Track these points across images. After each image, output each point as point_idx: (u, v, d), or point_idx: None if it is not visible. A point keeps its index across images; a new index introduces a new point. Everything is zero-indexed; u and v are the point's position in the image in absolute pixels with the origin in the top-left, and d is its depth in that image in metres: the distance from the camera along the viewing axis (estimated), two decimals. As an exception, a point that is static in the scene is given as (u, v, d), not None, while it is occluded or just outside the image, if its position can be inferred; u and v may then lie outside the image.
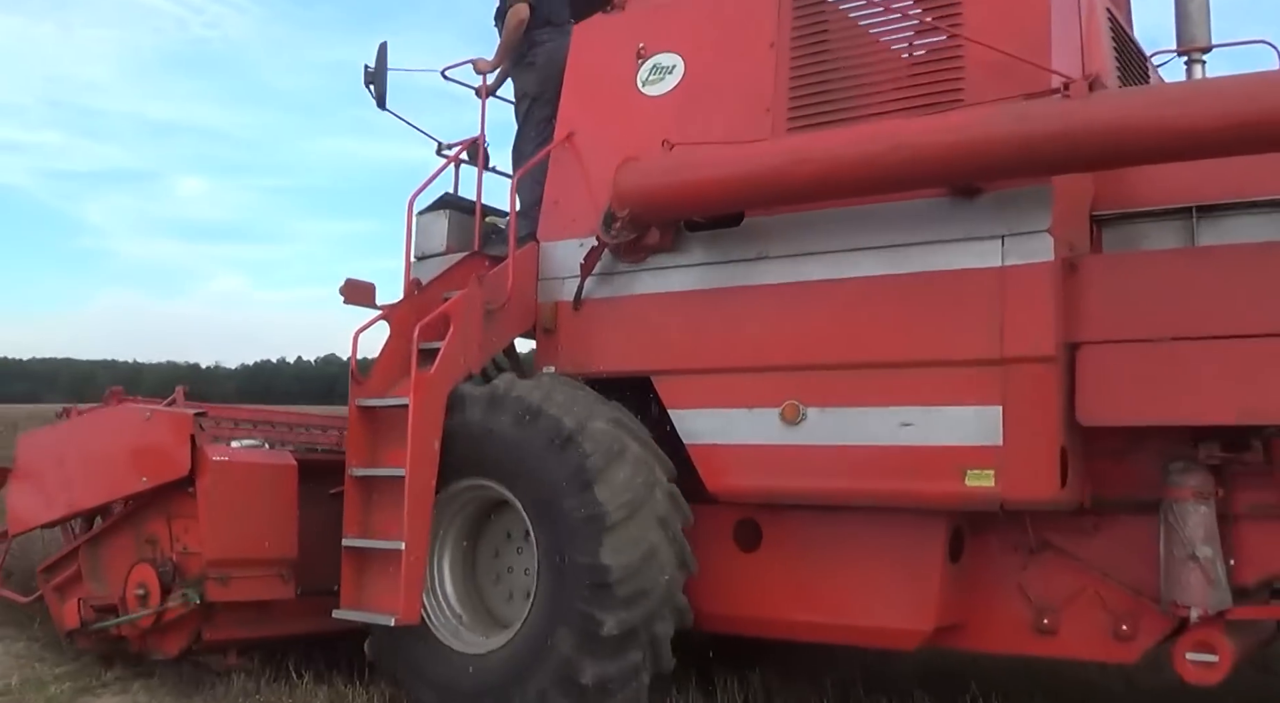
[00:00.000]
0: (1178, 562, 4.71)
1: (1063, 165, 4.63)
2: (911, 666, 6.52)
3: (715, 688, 5.64)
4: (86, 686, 6.00)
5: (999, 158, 4.62)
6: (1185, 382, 4.62)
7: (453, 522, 5.76)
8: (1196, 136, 4.29)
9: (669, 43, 5.90)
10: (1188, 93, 4.60)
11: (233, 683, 5.80)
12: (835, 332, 5.19)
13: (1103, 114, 4.41)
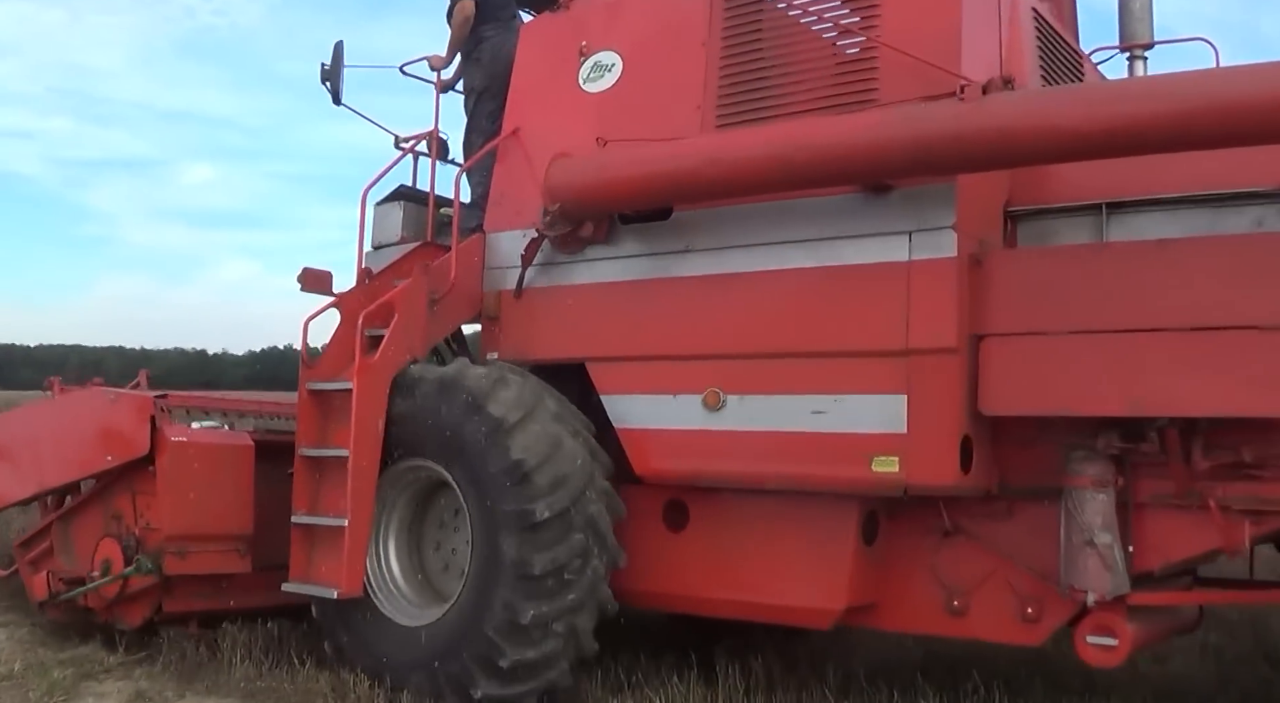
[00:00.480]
0: (1076, 548, 4.87)
1: (955, 166, 4.80)
2: (914, 654, 6.62)
3: (717, 676, 5.68)
4: (89, 672, 6.05)
5: (895, 159, 4.81)
6: (1080, 374, 4.79)
7: (398, 500, 6.02)
8: (1077, 139, 4.45)
9: (609, 41, 6.11)
10: (1071, 97, 4.76)
11: (235, 669, 5.89)
12: (754, 322, 5.39)
13: (990, 117, 4.58)
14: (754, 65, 5.58)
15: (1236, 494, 4.77)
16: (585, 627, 5.45)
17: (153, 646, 6.30)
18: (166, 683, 5.86)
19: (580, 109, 6.07)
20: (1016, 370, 4.92)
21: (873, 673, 5.89)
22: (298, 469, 5.90)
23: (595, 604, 5.48)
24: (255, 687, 5.69)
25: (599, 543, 5.48)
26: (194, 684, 5.81)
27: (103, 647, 6.41)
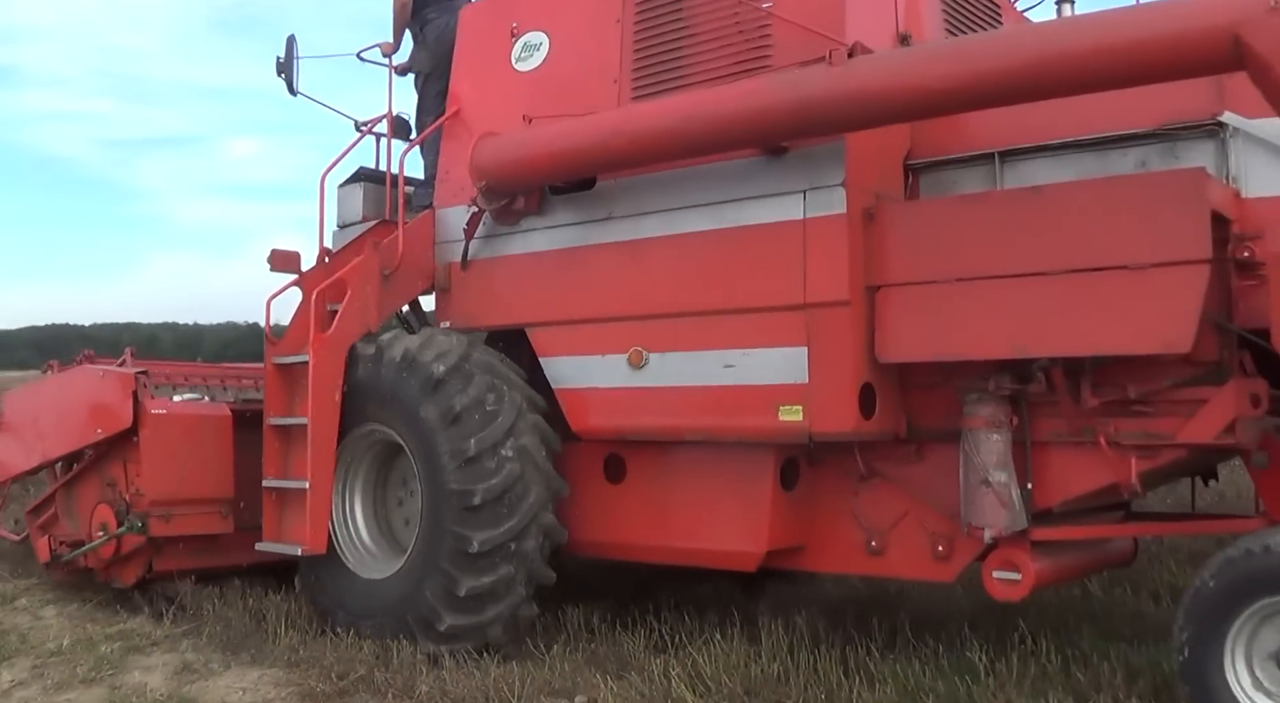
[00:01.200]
0: (973, 487, 5.08)
1: (826, 127, 5.01)
2: (961, 606, 6.63)
3: (760, 633, 5.67)
4: (136, 645, 6.17)
5: (772, 124, 5.05)
6: (967, 320, 5.00)
7: (360, 463, 6.46)
8: (928, 96, 4.65)
9: (537, 22, 6.40)
10: (923, 56, 4.90)
11: (279, 639, 6.03)
12: (669, 283, 5.68)
13: (852, 80, 4.78)
14: (662, 39, 5.83)
15: (1126, 430, 4.93)
16: (534, 552, 5.83)
17: (199, 618, 6.48)
18: (212, 654, 5.98)
19: (512, 88, 6.38)
20: (909, 319, 5.14)
21: (919, 626, 5.87)
22: (267, 437, 6.36)
23: (541, 530, 5.85)
24: (299, 657, 5.78)
25: (536, 472, 5.85)
26: (239, 655, 5.94)
27: (150, 620, 6.62)
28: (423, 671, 5.44)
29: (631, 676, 5.29)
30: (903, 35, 5.53)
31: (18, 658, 6.06)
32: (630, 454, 6.08)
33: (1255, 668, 4.31)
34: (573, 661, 5.58)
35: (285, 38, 6.79)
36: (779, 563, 5.82)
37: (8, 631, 6.57)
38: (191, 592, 6.68)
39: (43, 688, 5.61)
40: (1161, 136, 4.98)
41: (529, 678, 5.24)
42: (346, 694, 5.29)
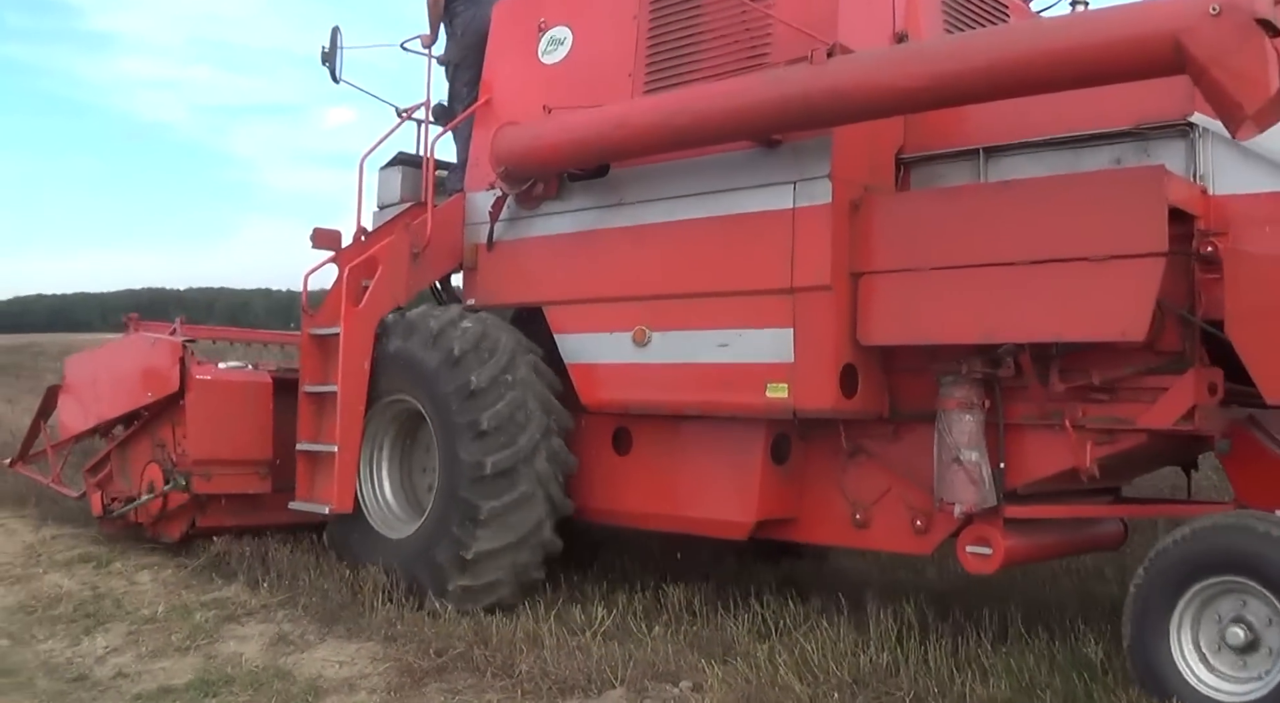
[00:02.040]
0: (946, 465, 5.36)
1: (806, 122, 5.34)
2: (1070, 598, 6.56)
3: (868, 620, 5.61)
4: (232, 614, 6.21)
5: (757, 119, 5.40)
6: (941, 306, 5.30)
7: (387, 430, 6.92)
8: (898, 94, 4.95)
9: (563, 17, 6.79)
10: (896, 56, 5.19)
11: (375, 613, 6.00)
12: (671, 266, 6.04)
13: (828, 78, 5.09)
14: (674, 35, 6.17)
15: (1091, 414, 5.19)
16: (541, 522, 6.22)
17: (295, 588, 6.48)
18: (308, 626, 5.96)
19: (538, 80, 6.77)
20: (889, 304, 5.45)
21: (1029, 617, 5.76)
22: (302, 404, 6.86)
23: (547, 500, 6.25)
24: (395, 631, 5.74)
25: (545, 447, 6.24)
26: (334, 628, 5.91)
27: (245, 589, 6.65)
28: (523, 649, 5.35)
29: (736, 661, 5.22)
30: (900, 34, 5.81)
31: (112, 623, 6.20)
32: (636, 427, 6.46)
33: (1201, 646, 4.56)
34: (675, 643, 5.52)
35: (330, 28, 7.28)
36: (771, 534, 6.16)
37: (103, 595, 6.73)
38: (288, 561, 6.78)
39: (137, 655, 5.70)
40: (1135, 135, 5.21)
41: (631, 660, 5.15)
42: (444, 671, 5.23)
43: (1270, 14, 4.20)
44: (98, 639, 5.97)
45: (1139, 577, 4.68)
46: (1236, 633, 4.44)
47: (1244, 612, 4.45)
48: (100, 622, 6.22)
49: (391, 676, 5.24)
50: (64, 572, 7.32)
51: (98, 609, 6.42)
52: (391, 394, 6.69)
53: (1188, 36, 4.26)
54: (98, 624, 6.19)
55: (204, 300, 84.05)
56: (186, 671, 5.46)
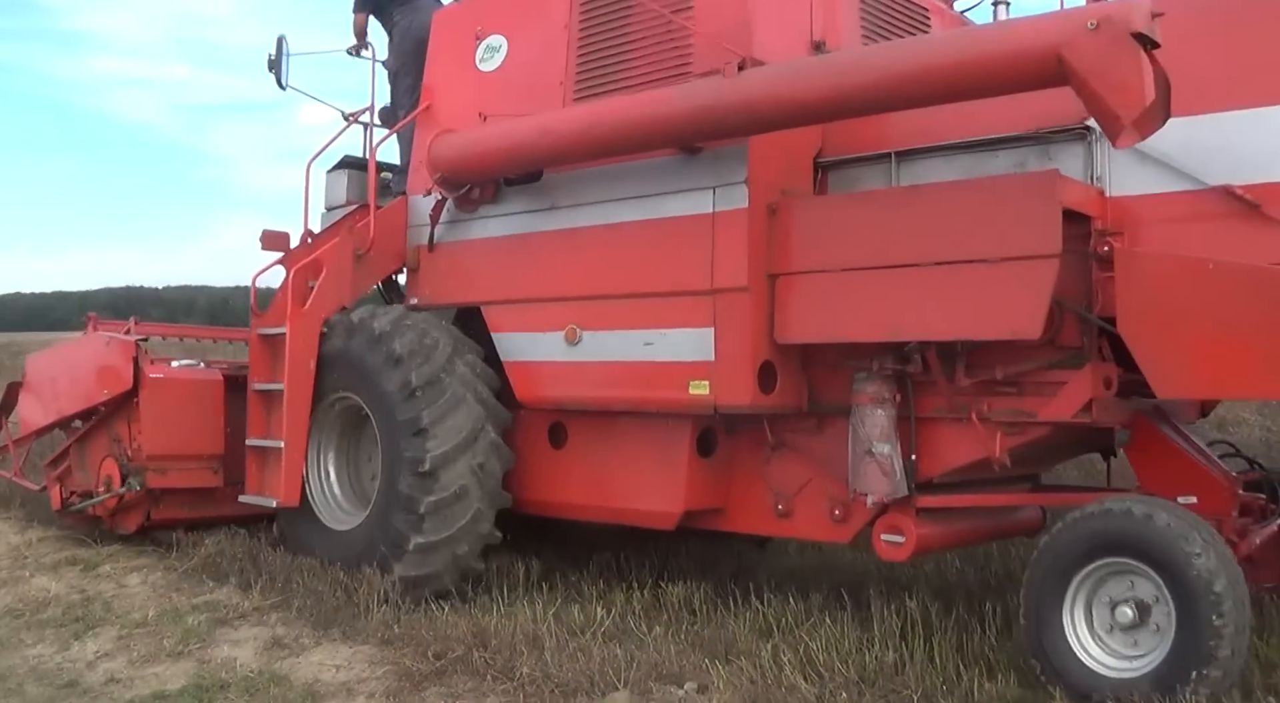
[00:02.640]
0: (859, 457, 5.61)
1: (716, 133, 5.57)
2: None
3: (871, 617, 5.63)
4: (224, 617, 6.11)
5: (670, 129, 5.63)
6: (851, 305, 5.52)
7: (334, 426, 7.13)
8: (798, 106, 5.18)
9: (498, 25, 6.98)
10: (796, 70, 5.40)
11: (372, 615, 5.92)
12: (600, 268, 6.26)
13: (736, 91, 5.32)
14: (601, 45, 6.38)
15: (997, 408, 5.42)
16: (479, 515, 6.43)
17: (288, 590, 6.40)
18: (302, 629, 5.87)
19: (475, 86, 6.98)
20: (803, 304, 5.67)
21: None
22: (251, 401, 7.08)
23: (485, 494, 6.47)
24: (392, 633, 5.65)
25: (483, 443, 6.46)
26: (330, 631, 5.82)
27: (237, 591, 6.56)
28: (523, 651, 5.26)
29: (740, 660, 5.16)
30: (817, 43, 6.02)
31: (102, 628, 6.12)
32: (570, 422, 6.69)
33: (1094, 623, 4.79)
34: (677, 643, 5.48)
35: (276, 37, 7.47)
36: (699, 523, 6.40)
37: (92, 599, 6.64)
38: (280, 562, 6.72)
39: (128, 660, 5.62)
40: (1037, 140, 5.43)
41: (634, 661, 5.07)
42: (444, 675, 5.14)
43: (1146, 28, 4.43)
44: (88, 644, 5.92)
45: (1034, 560, 4.92)
46: (1125, 612, 4.66)
47: (1132, 592, 4.68)
48: (90, 626, 6.16)
49: (390, 679, 5.17)
50: (51, 575, 7.28)
51: (87, 613, 6.37)
52: (337, 392, 6.91)
53: (1069, 50, 4.49)
54: (87, 629, 6.13)
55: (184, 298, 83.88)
56: (180, 676, 5.39)
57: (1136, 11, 4.43)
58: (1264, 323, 4.56)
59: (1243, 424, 9.49)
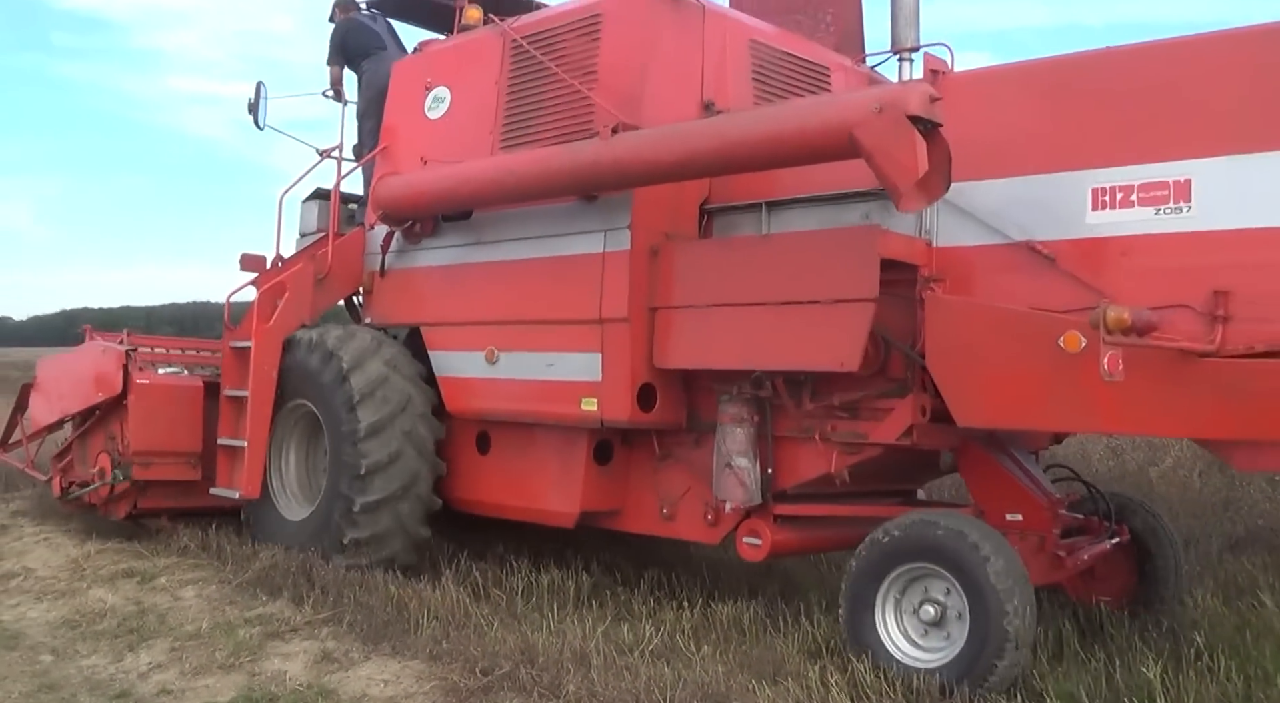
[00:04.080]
0: (720, 469, 6.41)
1: (595, 187, 6.46)
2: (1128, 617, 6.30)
3: None
4: (275, 630, 6.16)
5: (558, 183, 6.51)
6: (714, 337, 6.35)
7: (293, 429, 8.10)
8: (656, 167, 6.03)
9: (445, 78, 7.90)
10: (657, 136, 6.23)
11: (421, 630, 5.98)
12: (514, 297, 7.15)
13: (609, 152, 6.19)
14: (524, 101, 7.26)
15: (838, 429, 6.21)
16: (410, 512, 7.35)
17: (339, 604, 6.49)
18: (352, 643, 5.92)
19: (423, 132, 7.90)
20: (677, 334, 6.50)
21: (1086, 637, 5.83)
22: (223, 405, 8.08)
23: (417, 498, 7.38)
24: (441, 649, 5.67)
25: (417, 451, 7.36)
26: (379, 645, 5.85)
27: (289, 605, 6.63)
28: (570, 669, 5.24)
29: (788, 681, 5.15)
30: (707, 104, 6.84)
31: (156, 640, 6.21)
32: (494, 431, 7.58)
33: (903, 620, 5.52)
34: (725, 663, 5.47)
35: (255, 83, 8.47)
36: (597, 523, 7.24)
37: (146, 610, 6.77)
38: (333, 577, 6.88)
39: (180, 672, 5.68)
40: (879, 195, 6.18)
41: (680, 681, 5.03)
42: (490, 691, 5.16)
43: (922, 111, 5.21)
44: (141, 655, 6.01)
45: (850, 566, 5.68)
46: (928, 610, 5.38)
47: (932, 592, 5.40)
48: (144, 638, 6.26)
49: (437, 695, 5.21)
50: (108, 586, 7.41)
51: (141, 625, 6.47)
52: (296, 399, 7.87)
53: (858, 129, 5.29)
54: (141, 640, 6.23)
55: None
56: (230, 688, 5.45)
57: (914, 97, 5.21)
58: (1040, 362, 5.27)
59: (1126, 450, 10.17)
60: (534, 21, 7.39)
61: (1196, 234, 5.14)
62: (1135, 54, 5.56)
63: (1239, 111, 5.10)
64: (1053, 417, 5.41)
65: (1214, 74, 5.22)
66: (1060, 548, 6.23)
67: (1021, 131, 5.70)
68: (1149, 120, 5.32)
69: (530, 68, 7.25)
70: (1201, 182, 5.13)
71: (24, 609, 7.08)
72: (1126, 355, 4.91)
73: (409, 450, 7.33)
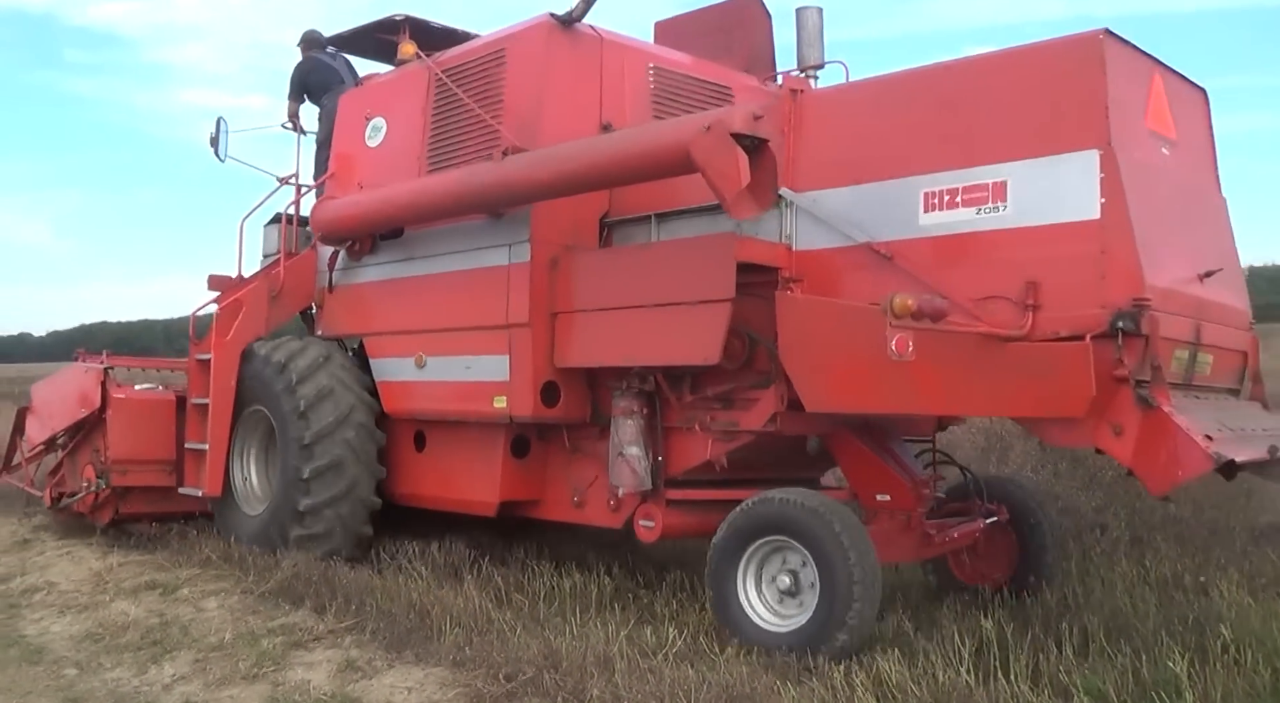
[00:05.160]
0: (614, 458, 7.03)
1: (491, 205, 7.16)
2: (1150, 611, 6.21)
3: (945, 638, 5.66)
4: (298, 640, 6.18)
5: (460, 202, 7.22)
6: (601, 337, 6.99)
7: (253, 433, 8.85)
8: (534, 186, 6.72)
9: (381, 108, 8.65)
10: (532, 159, 6.90)
11: (444, 637, 5.98)
12: (437, 307, 7.87)
13: (497, 174, 6.87)
14: (445, 128, 7.98)
15: (715, 420, 6.81)
16: (350, 512, 8.07)
17: (362, 613, 6.53)
18: (375, 651, 5.93)
19: (364, 159, 8.66)
20: (572, 336, 7.16)
21: (1112, 631, 5.75)
22: (189, 412, 8.86)
23: (358, 501, 8.10)
24: (464, 655, 5.66)
25: (355, 458, 8.06)
26: (403, 653, 5.88)
27: (312, 615, 6.65)
28: (593, 673, 5.24)
29: (813, 681, 5.15)
30: (605, 125, 7.48)
31: (179, 651, 6.24)
32: (429, 430, 8.28)
33: (762, 590, 6.09)
34: (749, 664, 5.42)
35: (216, 119, 9.29)
36: (518, 512, 7.88)
37: (169, 622, 6.80)
38: (355, 585, 6.97)
39: (204, 683, 5.70)
40: None
41: (705, 683, 5.01)
42: (514, 697, 5.17)
43: (745, 128, 5.82)
44: (165, 667, 6.04)
45: (713, 541, 6.23)
46: (784, 579, 5.94)
47: (788, 563, 5.95)
48: (167, 650, 6.30)
49: (461, 702, 5.24)
50: (131, 599, 7.47)
51: (164, 637, 6.51)
52: (254, 405, 8.62)
53: (692, 147, 5.92)
54: (165, 652, 6.27)
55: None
56: (254, 699, 5.47)
57: (737, 117, 5.84)
58: (869, 351, 5.79)
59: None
60: (453, 56, 8.12)
61: (1011, 230, 5.66)
62: (956, 68, 6.13)
63: (1046, 117, 5.63)
64: (885, 401, 5.94)
65: (1023, 84, 5.76)
66: (929, 526, 6.77)
67: (865, 142, 6.26)
68: (970, 128, 5.86)
69: (449, 98, 7.96)
70: (1015, 183, 5.66)
71: (47, 623, 7.23)
72: (944, 342, 5.49)
73: (350, 457, 8.02)
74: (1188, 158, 6.27)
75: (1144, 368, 5.26)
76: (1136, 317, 5.20)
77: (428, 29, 8.90)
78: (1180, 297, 5.65)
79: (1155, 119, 5.98)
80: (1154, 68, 6.02)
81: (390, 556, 7.79)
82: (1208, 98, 6.69)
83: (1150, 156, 5.82)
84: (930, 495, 6.89)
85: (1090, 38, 5.59)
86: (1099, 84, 5.49)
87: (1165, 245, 5.67)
